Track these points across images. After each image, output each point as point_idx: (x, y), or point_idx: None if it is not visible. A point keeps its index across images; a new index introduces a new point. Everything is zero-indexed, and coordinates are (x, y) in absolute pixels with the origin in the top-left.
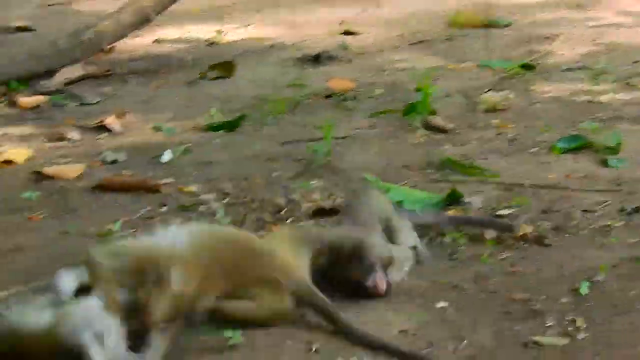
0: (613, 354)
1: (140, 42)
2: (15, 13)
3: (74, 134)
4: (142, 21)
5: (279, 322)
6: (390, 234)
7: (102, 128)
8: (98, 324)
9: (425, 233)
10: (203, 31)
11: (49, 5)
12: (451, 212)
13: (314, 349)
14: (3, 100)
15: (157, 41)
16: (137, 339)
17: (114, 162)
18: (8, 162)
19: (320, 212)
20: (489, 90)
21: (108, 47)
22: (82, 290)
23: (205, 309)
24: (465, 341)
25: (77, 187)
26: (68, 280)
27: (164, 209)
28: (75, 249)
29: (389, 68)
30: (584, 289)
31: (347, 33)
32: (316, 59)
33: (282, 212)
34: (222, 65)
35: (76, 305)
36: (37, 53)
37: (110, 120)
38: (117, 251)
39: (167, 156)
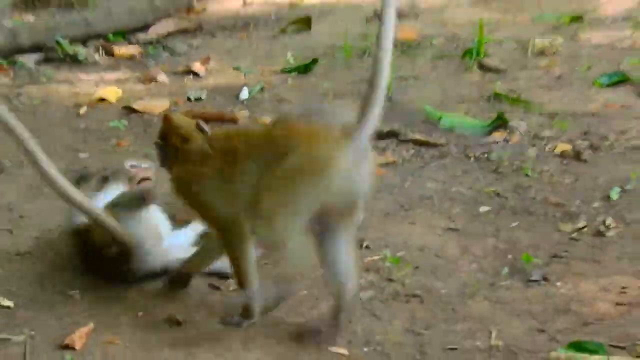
0: (639, 246)
1: (230, 4)
2: None
3: (163, 78)
4: None
5: None
6: None
7: (189, 73)
8: None
9: (468, 152)
10: None
11: None
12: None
13: None
14: (101, 50)
15: (244, 4)
16: None
17: (197, 99)
18: (102, 99)
19: (379, 136)
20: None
21: (200, 8)
22: None
23: None
24: (504, 238)
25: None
26: None
27: None
28: None
29: (451, 22)
30: (615, 195)
31: None
32: None
33: None
34: (301, 20)
35: None
36: (134, 8)
37: (196, 66)
38: None
39: (244, 94)
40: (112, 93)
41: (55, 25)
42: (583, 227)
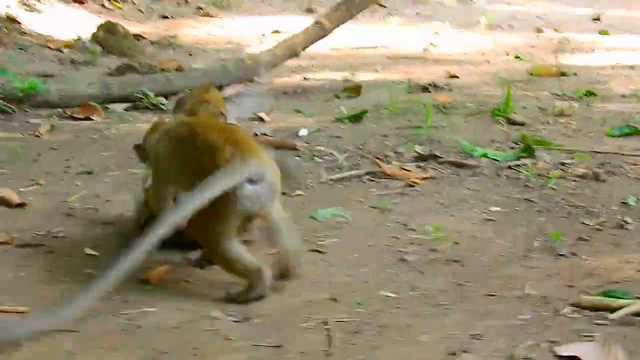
0: None
1: (290, 79)
2: None
3: (233, 121)
4: (291, 55)
5: None
6: None
7: (255, 119)
8: None
9: (499, 172)
10: (339, 75)
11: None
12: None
13: None
14: None
15: (304, 79)
16: None
17: (263, 134)
18: None
19: (420, 158)
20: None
21: (267, 79)
22: None
23: None
24: (534, 227)
25: None
26: None
27: (299, 158)
28: None
29: (480, 95)
30: (632, 202)
31: (451, 77)
32: (425, 89)
33: (390, 158)
34: (352, 88)
35: None
36: (209, 71)
37: (262, 114)
38: None
39: (303, 132)
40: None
41: (141, 81)
42: (604, 222)
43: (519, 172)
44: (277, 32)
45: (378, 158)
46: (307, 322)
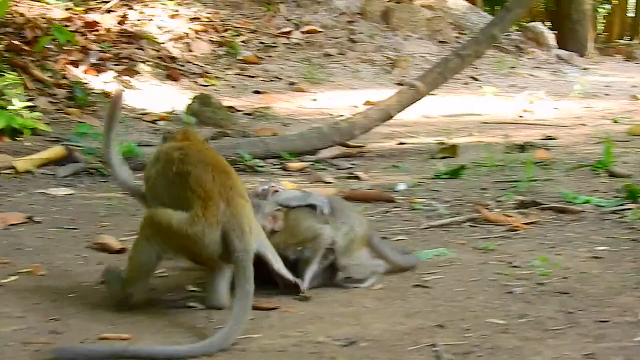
0: None
1: (385, 144)
2: None
3: (330, 179)
4: (385, 117)
5: None
6: None
7: (352, 177)
8: None
9: (603, 217)
10: (433, 140)
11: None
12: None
13: None
14: (278, 165)
15: (399, 143)
16: None
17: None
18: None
19: (522, 205)
20: None
21: (360, 146)
22: None
23: None
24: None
25: None
26: None
27: (397, 209)
28: None
29: (579, 152)
30: None
31: (547, 138)
32: (522, 148)
33: (490, 207)
34: (448, 149)
35: None
36: (304, 134)
37: (359, 173)
38: None
39: (401, 186)
40: (288, 185)
41: (238, 144)
42: None
43: (624, 216)
44: (369, 103)
45: (478, 204)
46: (415, 345)
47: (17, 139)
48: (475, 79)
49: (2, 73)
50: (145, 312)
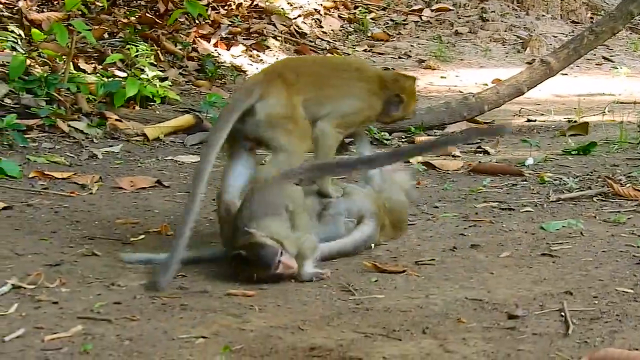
0: None
1: (516, 121)
2: None
3: (457, 152)
4: (516, 94)
5: None
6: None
7: (481, 152)
8: None
9: None
10: (564, 118)
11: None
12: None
13: None
14: (405, 139)
15: (528, 120)
16: None
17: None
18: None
19: None
20: None
21: (489, 122)
22: None
23: None
24: None
25: (457, 173)
26: None
27: (525, 183)
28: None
29: None
30: None
31: None
32: None
33: (622, 182)
34: (579, 126)
35: None
36: (432, 108)
37: (487, 147)
38: None
39: (529, 160)
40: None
41: None
42: None
43: None
44: (498, 81)
45: (609, 178)
46: (541, 310)
47: (148, 107)
48: (609, 60)
49: (135, 44)
50: None
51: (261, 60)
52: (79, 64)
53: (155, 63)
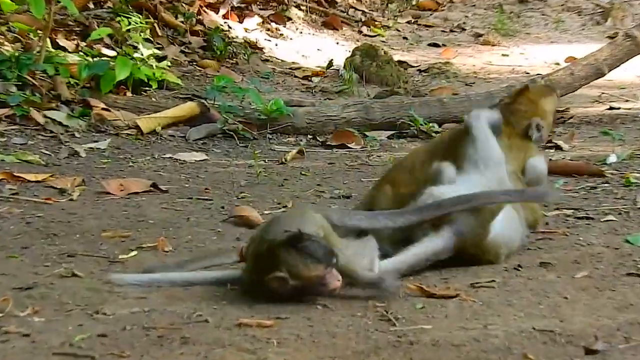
0: None
1: (595, 109)
2: None
3: None
4: (595, 75)
5: None
6: None
7: (552, 147)
8: None
9: None
10: None
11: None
12: None
13: None
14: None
15: (611, 108)
16: None
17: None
18: None
19: None
20: None
21: (562, 110)
22: None
23: None
24: None
25: None
26: None
27: (607, 185)
28: None
29: None
30: None
31: None
32: None
33: None
34: None
35: None
36: (492, 93)
37: (560, 141)
38: None
39: (612, 158)
40: None
41: (409, 105)
42: None
43: None
44: (572, 59)
45: None
46: (627, 342)
47: (142, 93)
48: None
49: (127, 16)
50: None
51: (281, 35)
52: (57, 41)
53: (152, 39)
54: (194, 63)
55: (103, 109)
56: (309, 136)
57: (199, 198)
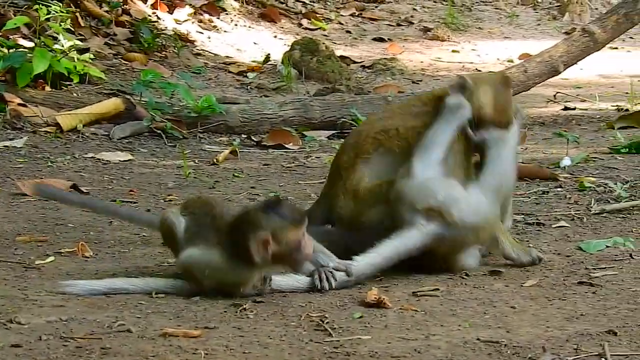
0: None
1: (550, 109)
2: None
3: None
4: (550, 73)
5: None
6: None
7: None
8: None
9: None
10: (612, 105)
11: None
12: None
13: None
14: None
15: (566, 108)
16: None
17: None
18: None
19: None
20: None
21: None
22: None
23: None
24: None
25: None
26: None
27: (560, 189)
28: None
29: None
30: None
31: None
32: None
33: None
34: (631, 116)
35: None
36: None
37: None
38: None
39: (566, 161)
40: None
41: (351, 103)
42: None
43: None
44: (526, 56)
45: None
46: (576, 354)
47: (63, 88)
48: None
49: (46, 4)
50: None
51: (215, 27)
52: None
53: (73, 29)
54: (120, 56)
55: (19, 104)
56: (243, 136)
57: (123, 200)
